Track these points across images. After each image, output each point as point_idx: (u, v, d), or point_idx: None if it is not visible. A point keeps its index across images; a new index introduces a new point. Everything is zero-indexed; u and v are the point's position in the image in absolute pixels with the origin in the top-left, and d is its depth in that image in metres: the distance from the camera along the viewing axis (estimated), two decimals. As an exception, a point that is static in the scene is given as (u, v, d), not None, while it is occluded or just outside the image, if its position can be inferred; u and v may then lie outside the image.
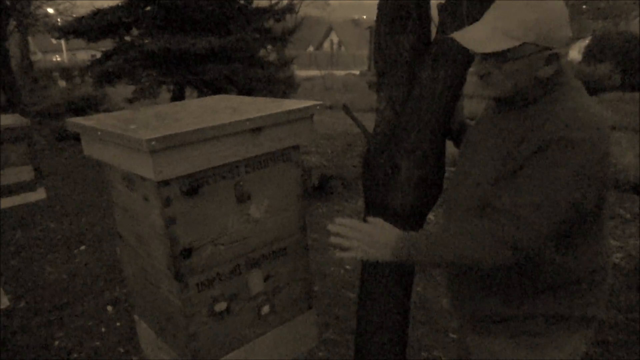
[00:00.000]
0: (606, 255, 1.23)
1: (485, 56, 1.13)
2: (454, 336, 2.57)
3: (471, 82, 1.40)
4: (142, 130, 1.15)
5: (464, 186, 1.28)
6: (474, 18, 1.30)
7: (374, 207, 1.66)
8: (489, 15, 1.14)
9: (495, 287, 1.25)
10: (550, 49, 1.09)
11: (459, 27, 1.30)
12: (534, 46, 1.08)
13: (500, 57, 1.11)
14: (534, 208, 1.07)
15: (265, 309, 1.43)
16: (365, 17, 43.31)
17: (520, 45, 1.08)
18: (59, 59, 29.81)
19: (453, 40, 1.18)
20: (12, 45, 14.02)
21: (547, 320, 1.21)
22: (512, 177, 1.12)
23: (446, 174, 1.69)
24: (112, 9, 7.40)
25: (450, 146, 1.60)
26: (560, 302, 1.20)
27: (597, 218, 1.16)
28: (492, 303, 1.26)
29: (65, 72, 17.96)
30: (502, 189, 1.13)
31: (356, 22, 44.75)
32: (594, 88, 10.14)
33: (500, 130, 1.20)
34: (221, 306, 1.31)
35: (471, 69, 1.19)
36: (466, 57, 1.42)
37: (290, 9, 8.52)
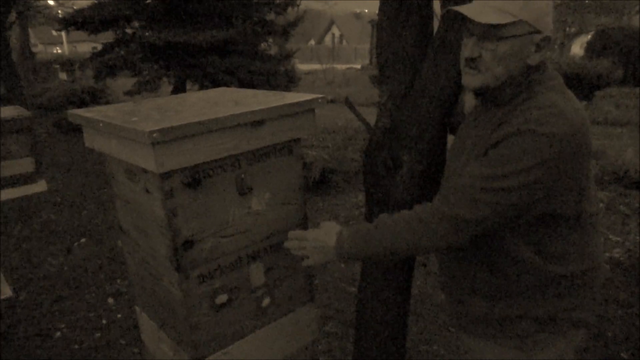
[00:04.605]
0: (593, 259, 1.21)
1: (482, 35, 1.12)
2: (454, 330, 2.58)
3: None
4: (144, 122, 1.15)
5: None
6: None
7: (374, 201, 1.66)
8: None
9: (481, 289, 1.25)
10: (541, 33, 1.09)
11: (461, 20, 1.30)
12: (527, 26, 1.08)
13: (497, 32, 1.09)
14: (480, 186, 1.08)
15: (266, 301, 1.43)
16: (367, 10, 43.14)
17: (516, 22, 1.08)
18: (59, 51, 29.74)
19: (455, 33, 1.18)
20: (13, 37, 13.98)
21: (532, 323, 1.21)
22: (474, 160, 1.14)
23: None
24: (113, 1, 7.37)
25: (451, 140, 1.60)
26: (544, 305, 1.19)
27: (578, 221, 1.15)
28: (478, 305, 1.27)
29: (66, 64, 17.92)
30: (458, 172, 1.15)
31: (358, 16, 44.61)
32: (596, 83, 10.11)
33: (480, 128, 1.21)
34: (222, 298, 1.32)
35: (463, 54, 1.17)
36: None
37: (291, 2, 8.49)
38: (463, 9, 1.13)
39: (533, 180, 1.05)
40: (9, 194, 3.31)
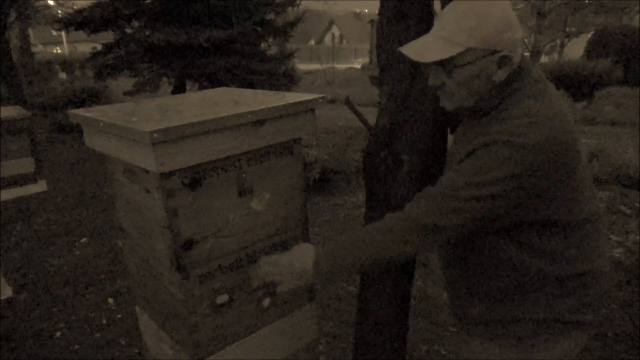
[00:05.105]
0: (593, 261, 1.20)
1: (435, 66, 1.14)
2: (455, 330, 2.58)
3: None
4: (144, 122, 1.15)
5: None
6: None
7: (375, 202, 1.66)
8: (434, 27, 1.16)
9: (478, 291, 1.26)
10: (499, 52, 1.08)
11: None
12: (479, 51, 1.08)
13: (447, 65, 1.11)
14: (450, 195, 1.08)
15: (266, 301, 1.43)
16: (367, 10, 43.16)
17: (464, 51, 1.08)
18: (59, 51, 29.74)
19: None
20: (13, 37, 13.97)
21: (531, 325, 1.21)
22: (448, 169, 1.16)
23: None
24: (113, 1, 7.37)
25: (452, 140, 1.60)
26: (543, 307, 1.19)
27: (573, 225, 1.14)
28: (477, 306, 1.27)
29: (66, 64, 17.92)
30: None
31: (358, 16, 44.64)
32: (596, 83, 10.12)
33: (465, 139, 1.21)
34: (222, 298, 1.32)
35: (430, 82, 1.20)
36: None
37: (291, 2, 8.50)
38: (410, 49, 1.15)
39: (503, 190, 1.04)
40: (9, 194, 3.32)
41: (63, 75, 16.88)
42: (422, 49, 1.13)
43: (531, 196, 1.07)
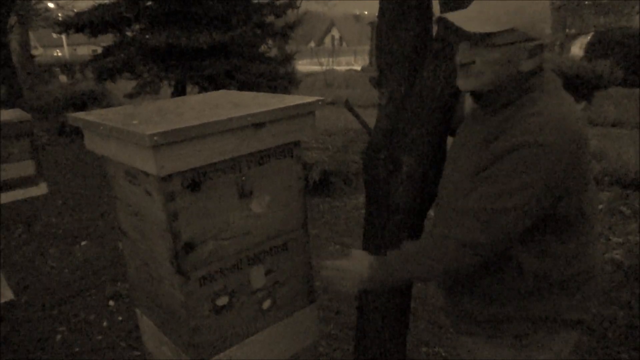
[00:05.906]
0: (591, 259, 1.21)
1: (474, 42, 1.13)
2: (454, 331, 2.58)
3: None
4: (144, 125, 1.15)
5: (448, 189, 1.30)
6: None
7: (375, 203, 1.66)
8: (476, 5, 1.15)
9: (477, 289, 1.26)
10: (534, 40, 1.09)
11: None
12: (520, 33, 1.08)
13: (489, 40, 1.10)
14: (490, 208, 1.09)
15: (267, 303, 1.44)
16: (366, 12, 43.19)
17: (506, 30, 1.08)
18: (59, 54, 29.76)
19: (453, 34, 1.18)
20: (13, 40, 13.98)
21: (528, 323, 1.21)
22: (478, 178, 1.14)
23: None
24: (113, 4, 7.37)
25: (451, 142, 1.60)
26: (543, 306, 1.20)
27: (575, 223, 1.15)
28: (474, 304, 1.27)
29: (66, 67, 17.92)
30: (470, 190, 1.15)
31: (357, 18, 44.68)
32: (596, 84, 10.11)
33: (479, 133, 1.21)
34: (223, 300, 1.32)
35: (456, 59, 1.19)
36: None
37: (291, 4, 8.50)
38: (454, 17, 1.14)
39: (539, 192, 1.05)
40: (9, 196, 3.31)
41: (63, 78, 16.87)
42: (468, 18, 1.12)
43: (560, 195, 1.08)
